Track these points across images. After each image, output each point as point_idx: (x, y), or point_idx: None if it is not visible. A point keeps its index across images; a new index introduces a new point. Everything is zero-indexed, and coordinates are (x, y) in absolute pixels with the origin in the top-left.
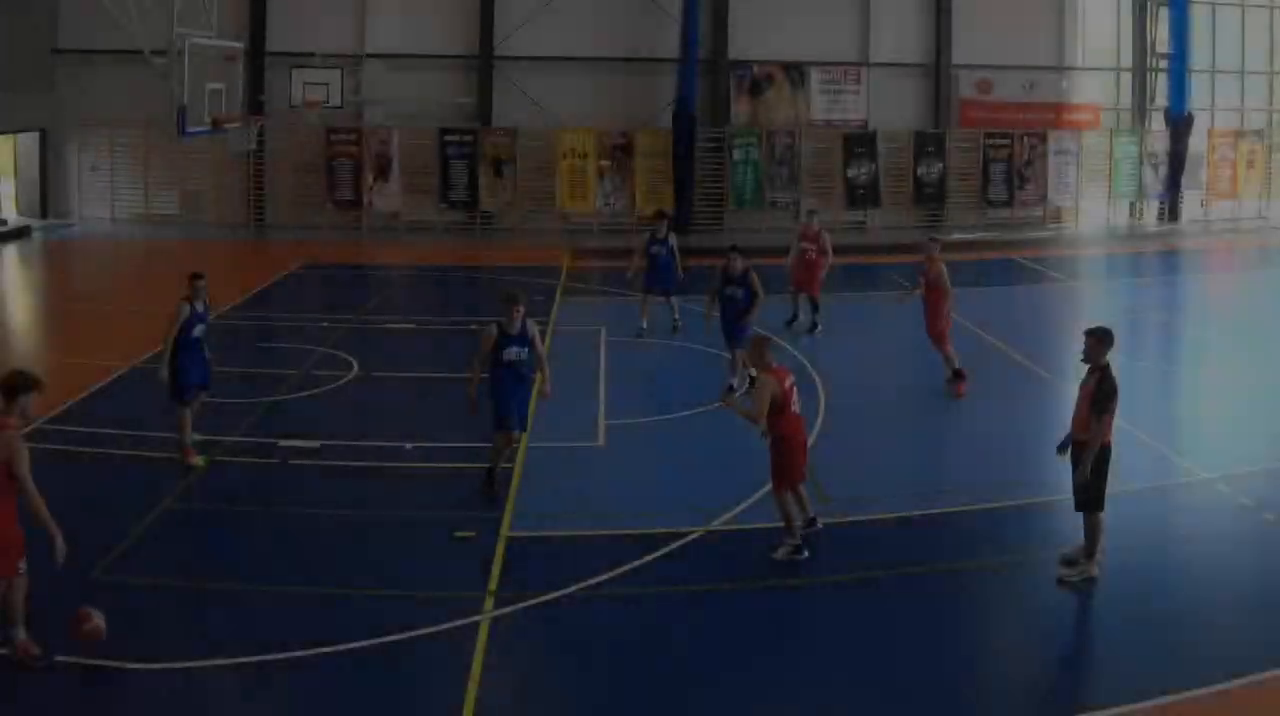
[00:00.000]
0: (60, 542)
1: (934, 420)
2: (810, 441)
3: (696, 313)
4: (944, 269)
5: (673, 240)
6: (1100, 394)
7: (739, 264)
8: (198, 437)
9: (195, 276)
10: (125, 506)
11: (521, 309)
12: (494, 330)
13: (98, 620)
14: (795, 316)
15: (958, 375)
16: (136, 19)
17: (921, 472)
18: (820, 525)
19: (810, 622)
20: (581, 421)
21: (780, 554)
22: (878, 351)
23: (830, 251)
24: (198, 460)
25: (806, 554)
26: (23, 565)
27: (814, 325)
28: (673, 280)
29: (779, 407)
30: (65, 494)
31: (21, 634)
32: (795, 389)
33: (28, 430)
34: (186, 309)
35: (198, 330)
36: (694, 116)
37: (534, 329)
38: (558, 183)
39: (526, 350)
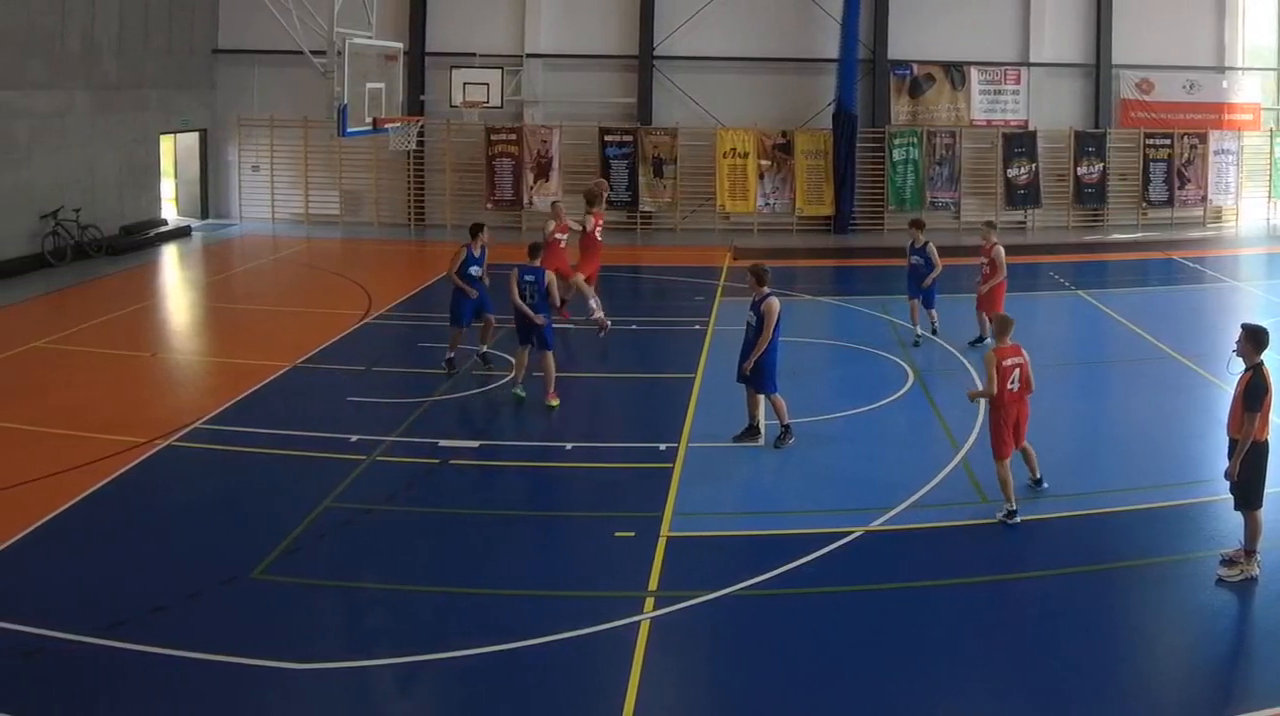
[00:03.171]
0: None
1: (1093, 419)
2: (969, 441)
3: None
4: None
5: (930, 249)
6: (1251, 391)
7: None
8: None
9: (476, 227)
10: (285, 506)
11: (754, 283)
12: None
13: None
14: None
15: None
16: (297, 19)
17: (1081, 472)
18: (1046, 486)
19: (969, 622)
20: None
21: (997, 516)
22: (1034, 352)
23: (1001, 266)
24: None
25: (1019, 520)
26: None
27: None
28: (923, 289)
29: (998, 384)
30: (225, 493)
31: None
32: (1017, 370)
33: (189, 430)
34: (464, 251)
35: (473, 269)
36: (854, 116)
37: (768, 306)
38: (718, 182)
39: (757, 318)
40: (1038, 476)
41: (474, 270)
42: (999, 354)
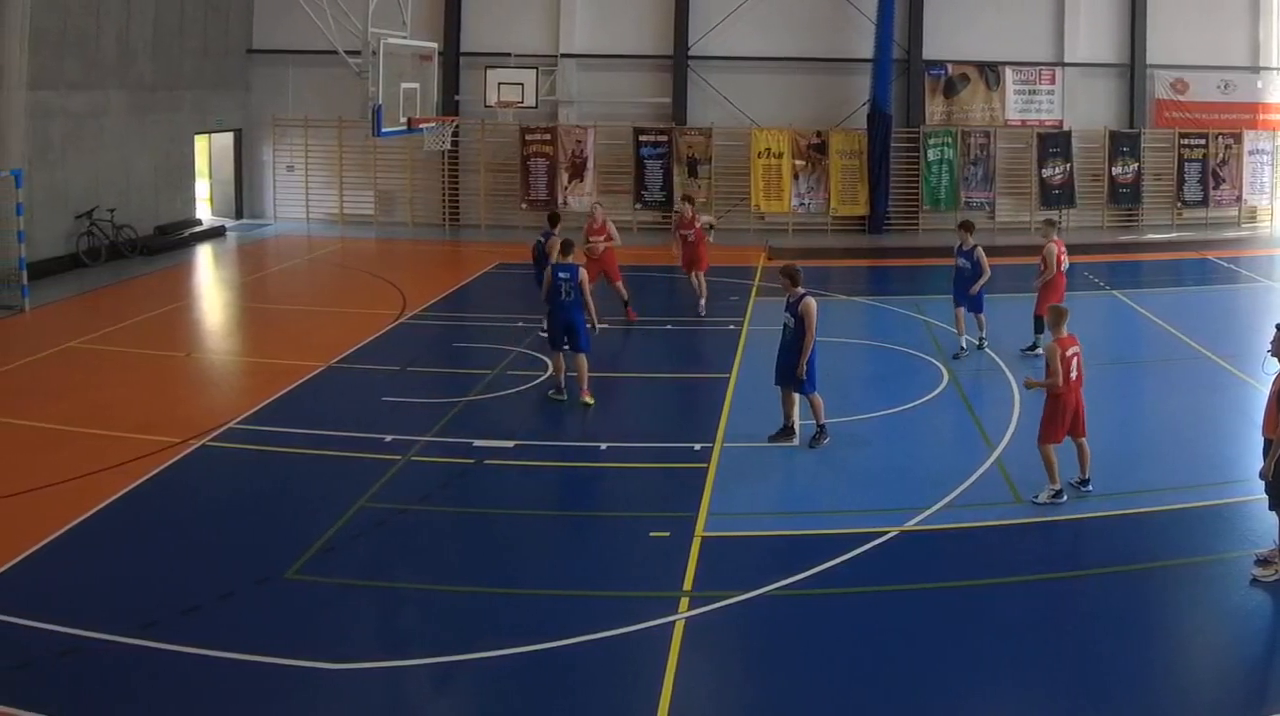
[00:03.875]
0: None
1: (1128, 420)
2: (1004, 441)
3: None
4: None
5: (979, 254)
6: None
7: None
8: None
9: (555, 216)
10: (319, 506)
11: (788, 283)
12: None
13: None
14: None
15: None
16: (331, 19)
17: (1115, 472)
18: (1090, 488)
19: (1004, 621)
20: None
21: (1040, 497)
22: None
23: (1050, 264)
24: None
25: (1065, 499)
26: None
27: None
28: (970, 296)
29: (1057, 372)
30: (259, 493)
31: None
32: (1077, 358)
33: (223, 430)
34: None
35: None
36: (888, 116)
37: (806, 306)
38: (752, 182)
39: (794, 319)
40: (1086, 476)
41: None
42: (1061, 344)
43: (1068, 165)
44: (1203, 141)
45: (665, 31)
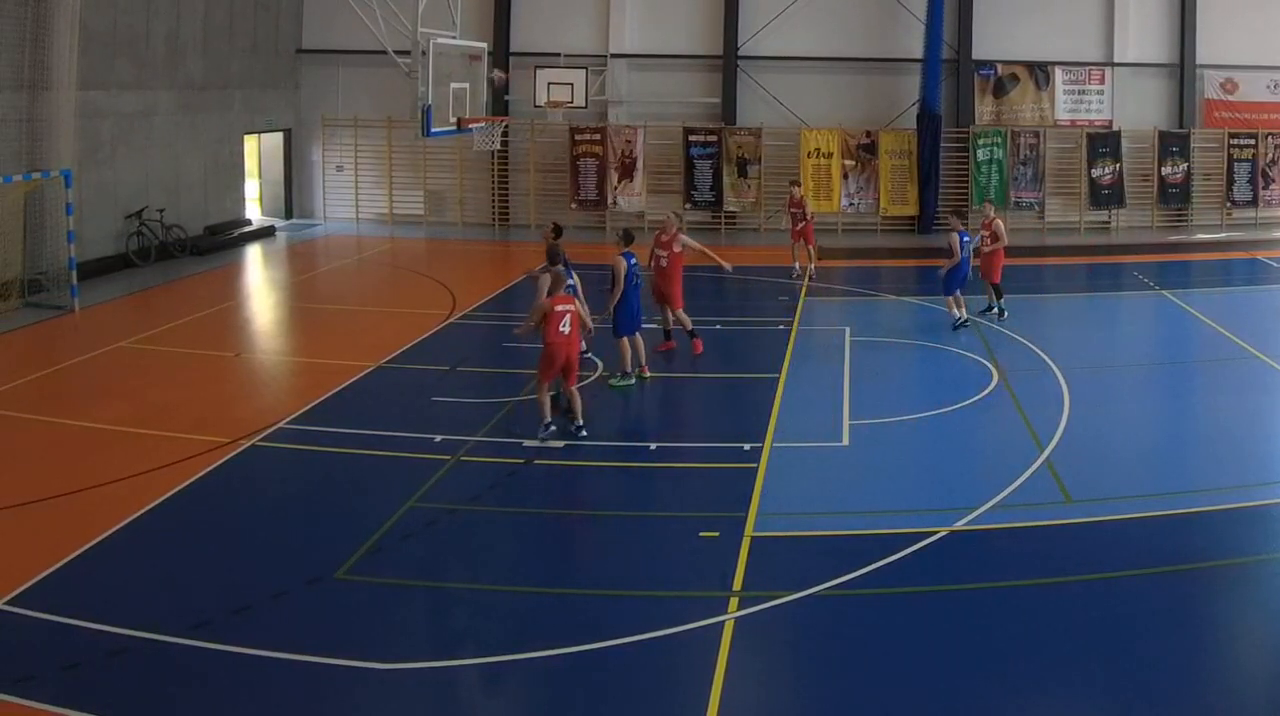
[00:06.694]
0: None
1: (1178, 419)
2: (1053, 441)
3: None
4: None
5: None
6: None
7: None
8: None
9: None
10: (369, 506)
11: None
12: None
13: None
14: (989, 306)
15: None
16: (381, 19)
17: (1165, 472)
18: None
19: (1053, 623)
20: (825, 421)
21: (541, 437)
22: (1118, 351)
23: (1003, 236)
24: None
25: (553, 429)
26: None
27: (1000, 311)
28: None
29: (551, 324)
30: (309, 493)
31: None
32: (570, 316)
33: (273, 430)
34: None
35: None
36: (938, 116)
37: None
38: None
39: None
40: (579, 422)
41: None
42: (555, 302)
43: (1117, 165)
44: (1252, 141)
45: (715, 31)
